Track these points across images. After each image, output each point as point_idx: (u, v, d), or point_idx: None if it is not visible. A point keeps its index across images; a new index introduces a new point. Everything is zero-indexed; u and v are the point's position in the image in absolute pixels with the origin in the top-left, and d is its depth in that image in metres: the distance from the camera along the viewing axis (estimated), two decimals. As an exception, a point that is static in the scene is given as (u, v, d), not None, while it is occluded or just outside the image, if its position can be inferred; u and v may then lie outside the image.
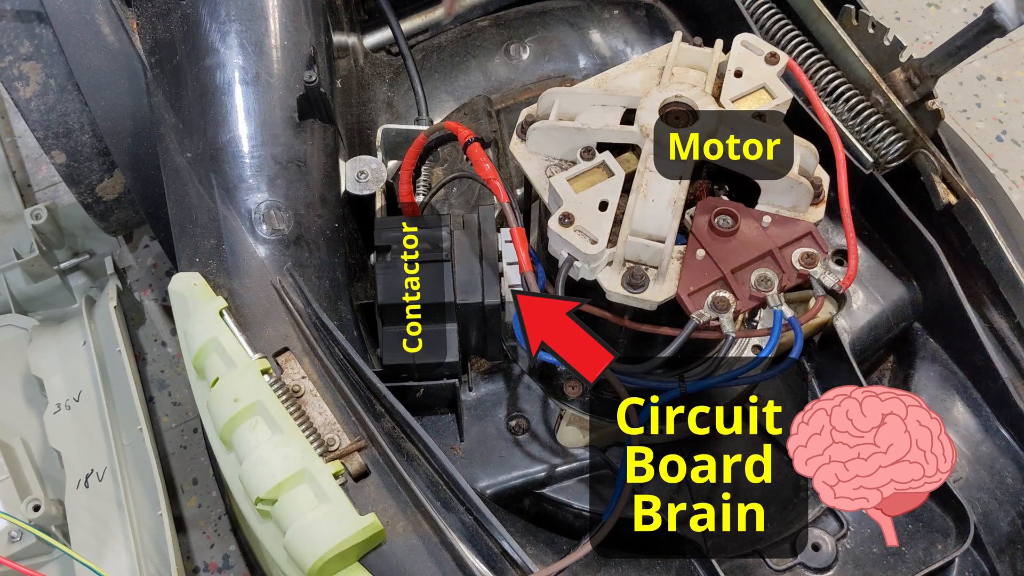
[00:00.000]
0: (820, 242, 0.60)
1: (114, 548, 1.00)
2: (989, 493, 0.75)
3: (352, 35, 0.96)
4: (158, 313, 1.40)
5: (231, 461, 0.63)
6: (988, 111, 1.69)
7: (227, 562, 1.23)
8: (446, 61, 0.96)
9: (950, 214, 0.80)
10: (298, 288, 0.69)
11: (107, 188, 0.96)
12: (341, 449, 0.63)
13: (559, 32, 0.98)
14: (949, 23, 1.78)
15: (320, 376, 0.66)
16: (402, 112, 0.93)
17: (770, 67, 0.65)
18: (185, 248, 0.73)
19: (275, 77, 0.77)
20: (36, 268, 1.21)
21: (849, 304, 0.81)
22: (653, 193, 0.59)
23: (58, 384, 1.11)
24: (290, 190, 0.74)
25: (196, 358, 0.66)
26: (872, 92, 0.82)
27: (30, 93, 0.90)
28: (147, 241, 1.44)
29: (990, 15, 0.72)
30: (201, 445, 1.30)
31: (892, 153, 0.81)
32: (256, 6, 0.79)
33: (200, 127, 0.76)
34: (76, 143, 0.92)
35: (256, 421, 0.62)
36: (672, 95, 0.61)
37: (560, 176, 0.60)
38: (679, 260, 0.60)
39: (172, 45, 0.80)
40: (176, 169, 0.76)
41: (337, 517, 0.58)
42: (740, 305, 0.59)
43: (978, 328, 0.75)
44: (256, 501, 0.60)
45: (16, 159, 1.50)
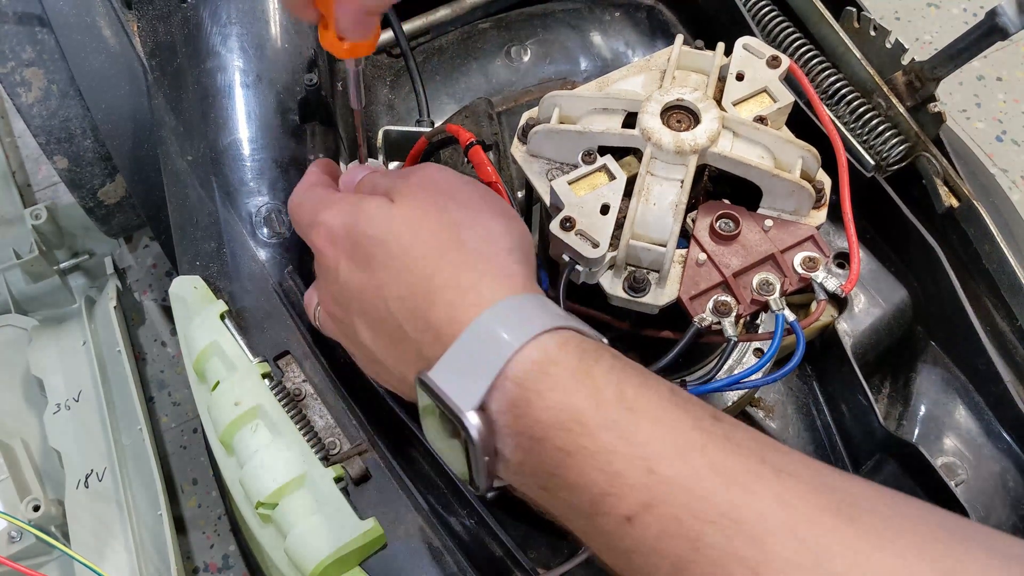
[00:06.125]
0: (822, 246, 0.60)
1: (114, 548, 1.01)
2: (990, 496, 0.75)
3: (353, 36, 0.96)
4: (158, 313, 1.40)
5: (232, 465, 0.63)
6: (988, 111, 1.69)
7: (227, 562, 1.23)
8: (447, 63, 0.96)
9: (952, 217, 0.80)
10: (299, 291, 0.69)
11: (109, 192, 0.96)
12: (342, 453, 0.63)
13: (560, 34, 0.97)
14: (949, 23, 1.78)
15: (321, 379, 0.66)
16: (403, 114, 0.93)
17: (772, 70, 0.64)
18: (186, 251, 0.73)
19: (276, 80, 0.77)
20: (36, 268, 1.21)
21: (851, 307, 0.81)
22: (654, 197, 0.59)
23: (58, 384, 1.11)
24: (291, 193, 0.74)
25: (197, 362, 0.66)
26: (874, 95, 0.82)
27: (32, 99, 0.90)
28: (147, 241, 1.45)
29: (992, 18, 0.72)
30: (201, 445, 1.30)
31: (894, 156, 0.81)
32: (257, 9, 0.79)
33: (201, 130, 0.75)
34: (78, 148, 0.92)
35: (257, 425, 0.62)
36: (673, 98, 0.61)
37: (561, 179, 0.60)
38: (681, 264, 0.60)
39: (173, 48, 0.80)
40: (176, 172, 0.76)
41: (338, 521, 0.58)
42: (742, 309, 0.59)
43: (980, 331, 0.75)
44: (257, 505, 0.60)
45: (16, 159, 1.50)
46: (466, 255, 0.50)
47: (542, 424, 0.44)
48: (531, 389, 0.44)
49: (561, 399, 0.43)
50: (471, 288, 0.49)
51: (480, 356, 0.46)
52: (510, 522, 0.71)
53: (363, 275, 0.53)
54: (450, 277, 0.49)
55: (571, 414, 0.43)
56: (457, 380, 0.46)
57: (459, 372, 0.46)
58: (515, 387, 0.45)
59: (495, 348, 0.45)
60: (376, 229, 0.53)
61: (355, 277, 0.54)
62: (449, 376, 0.47)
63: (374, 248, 0.52)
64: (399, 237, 0.52)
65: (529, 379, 0.44)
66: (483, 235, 0.52)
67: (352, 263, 0.54)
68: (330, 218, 0.56)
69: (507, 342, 0.45)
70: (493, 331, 0.46)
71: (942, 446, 0.77)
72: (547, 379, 0.44)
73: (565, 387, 0.44)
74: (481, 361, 0.46)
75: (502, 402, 0.45)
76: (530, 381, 0.44)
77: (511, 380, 0.45)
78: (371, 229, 0.53)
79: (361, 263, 0.53)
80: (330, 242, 0.56)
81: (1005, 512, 0.74)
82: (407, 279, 0.51)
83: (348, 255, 0.54)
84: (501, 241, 0.52)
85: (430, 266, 0.50)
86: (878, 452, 0.79)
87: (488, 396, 0.45)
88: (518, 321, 0.46)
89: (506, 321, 0.46)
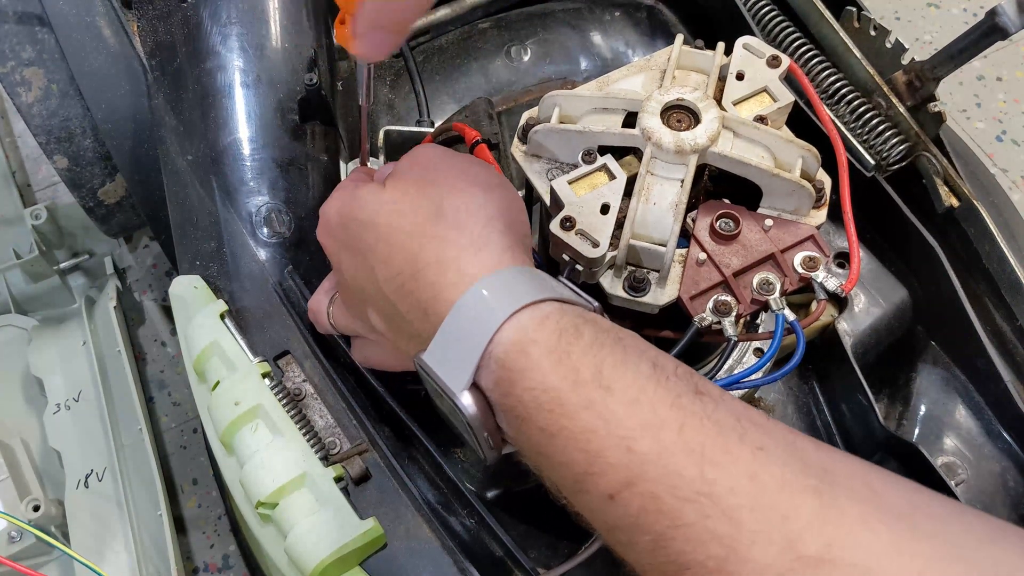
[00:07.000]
0: (822, 245, 0.60)
1: (114, 548, 1.01)
2: (990, 496, 0.75)
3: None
4: (158, 313, 1.40)
5: (232, 465, 0.63)
6: (988, 111, 1.69)
7: (227, 562, 1.23)
8: (447, 63, 0.96)
9: (952, 217, 0.80)
10: (299, 291, 0.69)
11: (109, 192, 0.96)
12: (342, 453, 0.63)
13: (560, 34, 0.97)
14: (949, 23, 1.78)
15: (321, 379, 0.66)
16: (403, 114, 0.93)
17: (772, 70, 0.64)
18: (186, 251, 0.73)
19: (276, 80, 0.77)
20: (36, 268, 1.21)
21: (851, 307, 0.81)
22: (654, 197, 0.59)
23: (58, 384, 1.11)
24: (291, 193, 0.74)
25: (197, 361, 0.66)
26: (874, 95, 0.82)
27: (32, 98, 0.90)
28: (147, 242, 1.45)
29: (992, 18, 0.72)
30: (201, 445, 1.30)
31: (894, 156, 0.81)
32: (257, 8, 0.79)
33: (201, 130, 0.75)
34: (78, 148, 0.92)
35: (257, 425, 0.62)
36: (674, 98, 0.61)
37: (561, 179, 0.60)
38: (681, 264, 0.60)
39: (173, 48, 0.80)
40: (176, 172, 0.75)
41: (338, 521, 0.58)
42: (742, 309, 0.59)
43: (980, 331, 0.75)
44: (257, 505, 0.60)
45: (16, 159, 1.50)
46: (446, 228, 0.50)
47: (524, 405, 0.44)
48: (512, 369, 0.45)
49: (540, 380, 0.44)
50: (451, 265, 0.49)
51: (464, 337, 0.47)
52: (510, 522, 0.71)
53: (359, 260, 0.54)
54: (432, 254, 0.50)
55: (550, 395, 0.44)
56: (447, 362, 0.47)
57: (448, 353, 0.47)
58: (498, 367, 0.45)
59: (477, 328, 0.46)
60: (366, 213, 0.53)
61: (353, 264, 0.55)
62: (440, 358, 0.48)
63: (364, 232, 0.53)
64: (386, 218, 0.52)
65: (509, 359, 0.45)
66: (464, 205, 0.52)
67: (349, 250, 0.55)
68: (327, 208, 0.57)
69: (487, 322, 0.46)
70: (474, 311, 0.47)
71: (942, 446, 0.77)
72: (525, 359, 0.45)
73: (543, 367, 0.44)
74: (466, 342, 0.46)
75: (489, 381, 0.46)
76: (510, 361, 0.45)
77: (494, 360, 0.46)
78: (361, 213, 0.53)
79: (355, 249, 0.54)
80: (327, 233, 0.57)
81: (1005, 512, 0.74)
82: (396, 259, 0.51)
83: (344, 243, 0.55)
84: (482, 210, 0.52)
85: (414, 244, 0.50)
86: (878, 452, 0.79)
87: (477, 375, 0.46)
88: (497, 299, 0.46)
89: (485, 300, 0.47)
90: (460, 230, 0.50)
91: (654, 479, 0.40)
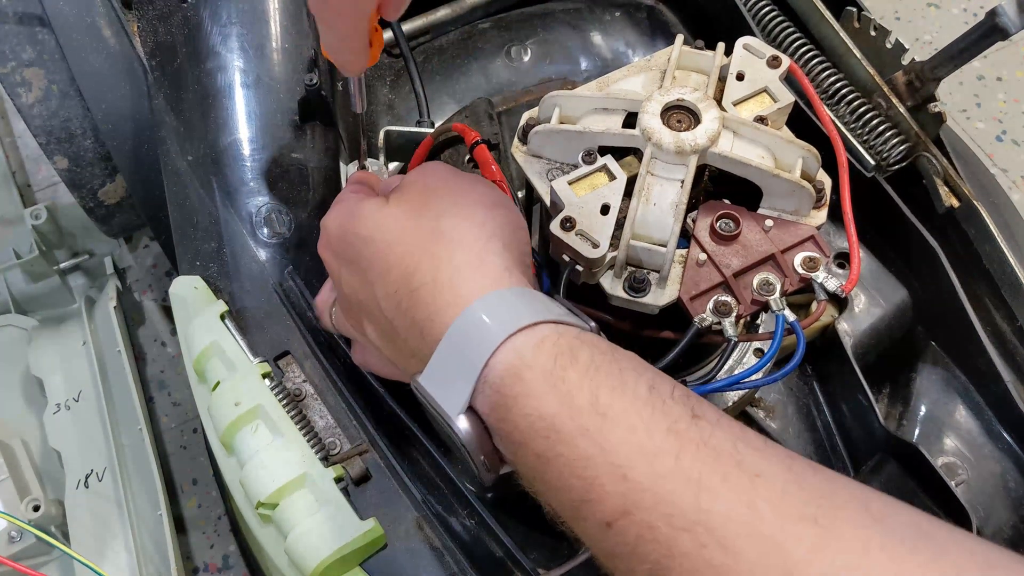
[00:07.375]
0: (822, 246, 0.60)
1: (114, 548, 1.01)
2: (990, 496, 0.75)
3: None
4: (158, 313, 1.40)
5: (232, 465, 0.63)
6: (988, 111, 1.69)
7: (227, 562, 1.23)
8: (447, 63, 0.96)
9: (952, 217, 0.80)
10: (299, 292, 0.69)
11: (109, 192, 0.96)
12: (342, 453, 0.63)
13: (560, 34, 0.97)
14: (949, 23, 1.78)
15: (321, 379, 0.66)
16: (403, 114, 0.93)
17: (772, 70, 0.64)
18: (186, 251, 0.73)
19: (276, 80, 0.77)
20: (36, 268, 1.21)
21: (851, 307, 0.81)
22: (655, 197, 0.59)
23: (58, 384, 1.11)
24: (291, 193, 0.74)
25: (197, 362, 0.66)
26: (874, 95, 0.82)
27: (32, 99, 0.90)
28: (147, 242, 1.45)
29: (992, 18, 0.72)
30: (201, 445, 1.30)
31: (894, 156, 0.81)
32: (257, 9, 0.79)
33: (201, 130, 0.75)
34: (78, 148, 0.92)
35: (257, 425, 0.62)
36: (674, 98, 0.61)
37: (561, 179, 0.60)
38: (681, 264, 0.60)
39: (173, 48, 0.80)
40: (177, 172, 0.75)
41: (338, 522, 0.58)
42: (742, 309, 0.59)
43: (980, 331, 0.75)
44: (257, 505, 0.60)
45: (16, 160, 1.50)
46: (444, 246, 0.50)
47: (520, 431, 0.44)
48: (507, 395, 0.44)
49: (536, 406, 0.43)
50: (447, 285, 0.48)
51: (459, 361, 0.46)
52: (510, 522, 0.71)
53: (358, 276, 0.53)
54: (428, 273, 0.49)
55: (546, 421, 0.43)
56: (443, 385, 0.47)
57: (444, 377, 0.47)
58: (493, 392, 0.45)
59: (472, 352, 0.45)
60: (366, 229, 0.53)
61: (352, 279, 0.54)
62: (436, 381, 0.47)
63: (363, 248, 0.52)
64: (385, 234, 0.52)
65: (505, 384, 0.44)
66: (463, 223, 0.51)
67: (349, 266, 0.54)
68: (328, 222, 0.56)
69: (481, 345, 0.45)
70: (468, 334, 0.46)
71: (942, 446, 0.77)
72: (521, 384, 0.44)
73: (538, 393, 0.43)
74: (462, 366, 0.46)
75: (485, 405, 0.46)
76: (506, 387, 0.44)
77: (490, 385, 0.45)
78: (363, 229, 0.53)
79: (354, 264, 0.53)
80: (328, 247, 0.56)
81: (1005, 512, 0.74)
82: (393, 277, 0.51)
83: (344, 258, 0.55)
84: (482, 229, 0.51)
85: (412, 262, 0.50)
86: (878, 452, 0.79)
87: (473, 399, 0.46)
88: (492, 321, 0.46)
89: (480, 323, 0.46)
90: (458, 248, 0.50)
91: (650, 508, 0.39)
